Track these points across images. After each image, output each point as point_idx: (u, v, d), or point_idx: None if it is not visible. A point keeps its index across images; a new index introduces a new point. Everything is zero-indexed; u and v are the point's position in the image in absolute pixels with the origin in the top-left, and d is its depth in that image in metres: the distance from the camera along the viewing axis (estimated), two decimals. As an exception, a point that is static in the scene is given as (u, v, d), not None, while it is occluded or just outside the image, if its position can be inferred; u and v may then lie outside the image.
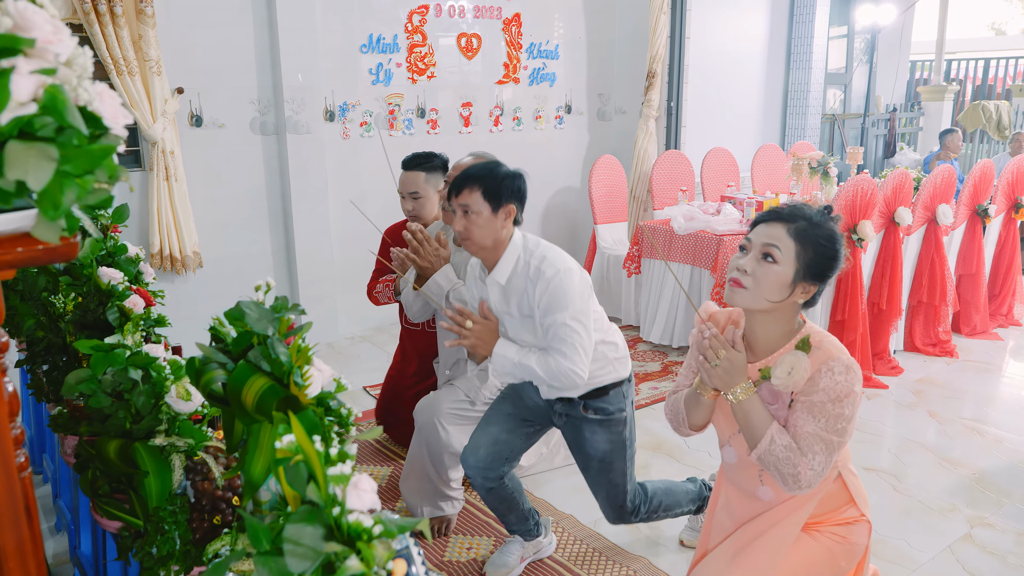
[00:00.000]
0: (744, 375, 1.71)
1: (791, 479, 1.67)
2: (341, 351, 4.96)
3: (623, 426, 2.41)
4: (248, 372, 1.19)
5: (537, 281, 2.21)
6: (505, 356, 2.24)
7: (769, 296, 1.70)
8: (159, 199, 4.21)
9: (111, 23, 3.91)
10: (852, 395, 1.67)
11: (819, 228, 1.71)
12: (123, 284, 1.76)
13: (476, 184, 2.22)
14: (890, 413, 3.99)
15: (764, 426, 1.69)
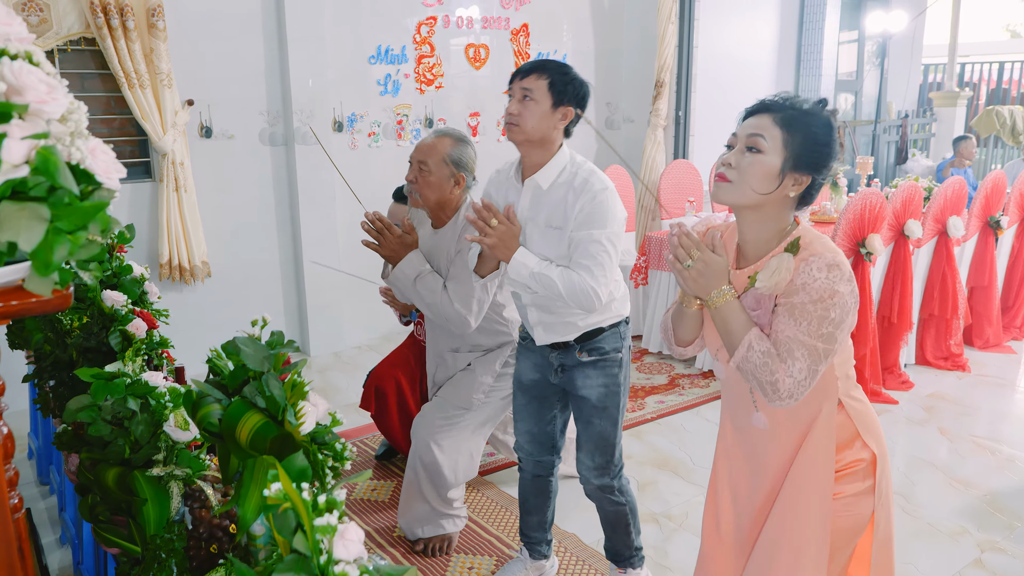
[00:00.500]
0: (722, 279, 1.60)
1: (769, 387, 1.55)
2: (348, 361, 4.97)
3: (618, 368, 2.35)
4: (242, 409, 1.20)
5: (582, 192, 2.16)
6: (524, 264, 2.16)
7: (756, 187, 1.60)
8: (168, 210, 4.24)
9: (123, 37, 3.94)
10: (836, 296, 1.54)
11: (810, 116, 1.62)
12: (126, 307, 1.78)
13: (545, 73, 2.16)
14: (900, 430, 3.96)
15: (743, 332, 1.59)
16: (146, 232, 4.37)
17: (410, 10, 5.18)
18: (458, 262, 2.59)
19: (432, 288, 2.58)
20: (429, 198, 2.64)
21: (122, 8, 3.91)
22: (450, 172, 2.60)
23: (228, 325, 4.71)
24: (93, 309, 1.76)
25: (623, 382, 2.38)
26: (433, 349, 2.95)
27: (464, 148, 2.64)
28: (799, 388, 1.55)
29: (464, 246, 2.58)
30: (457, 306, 2.56)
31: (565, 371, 2.38)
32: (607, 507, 2.50)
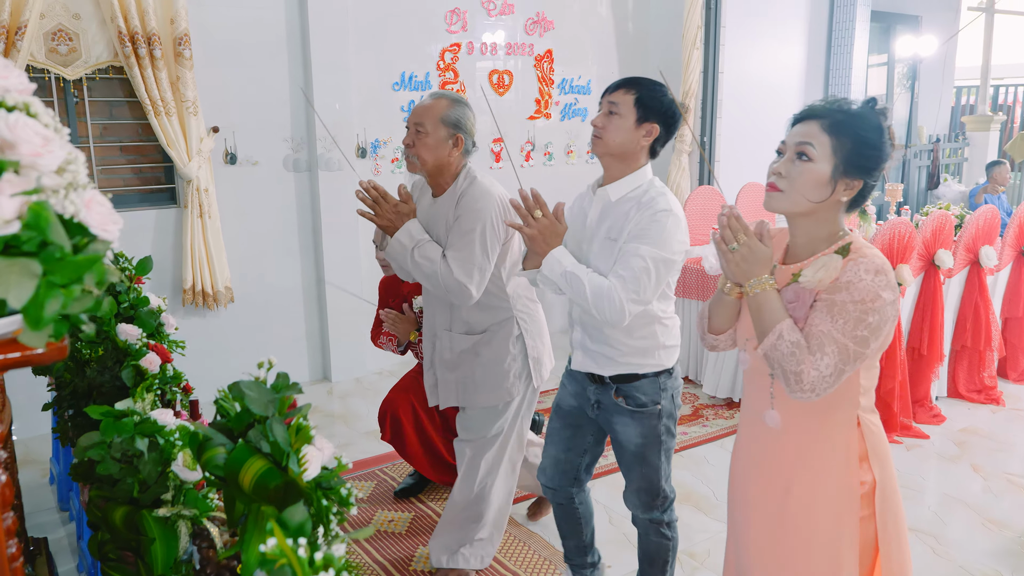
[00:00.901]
0: (764, 267, 1.60)
1: (793, 377, 1.54)
2: (369, 386, 4.96)
3: (657, 420, 2.27)
4: (246, 454, 1.18)
5: (644, 208, 2.12)
6: (559, 261, 2.09)
7: (808, 195, 1.61)
8: (192, 236, 4.28)
9: (150, 66, 4.00)
10: (879, 300, 1.54)
11: (858, 119, 1.61)
12: (140, 341, 1.77)
13: (634, 88, 2.15)
14: (931, 466, 3.85)
15: (776, 321, 1.58)
16: (170, 258, 4.41)
17: (434, 37, 5.21)
18: (456, 229, 2.49)
19: (431, 257, 2.45)
20: (427, 161, 2.52)
21: (150, 37, 3.97)
22: (448, 133, 2.49)
23: (250, 350, 4.75)
24: (108, 343, 1.76)
25: (663, 431, 2.31)
26: (428, 329, 2.77)
27: (462, 109, 2.53)
28: (823, 383, 1.53)
29: (463, 211, 2.49)
30: (457, 275, 2.43)
31: (601, 409, 2.34)
32: (652, 538, 2.44)
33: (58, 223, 0.75)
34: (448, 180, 2.57)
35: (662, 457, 2.32)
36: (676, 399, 2.34)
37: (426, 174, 2.57)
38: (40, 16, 3.79)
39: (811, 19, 6.76)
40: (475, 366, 2.65)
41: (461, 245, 2.45)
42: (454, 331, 2.67)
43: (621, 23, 6.12)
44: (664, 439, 2.31)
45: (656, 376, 2.27)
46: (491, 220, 2.47)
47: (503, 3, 5.46)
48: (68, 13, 3.89)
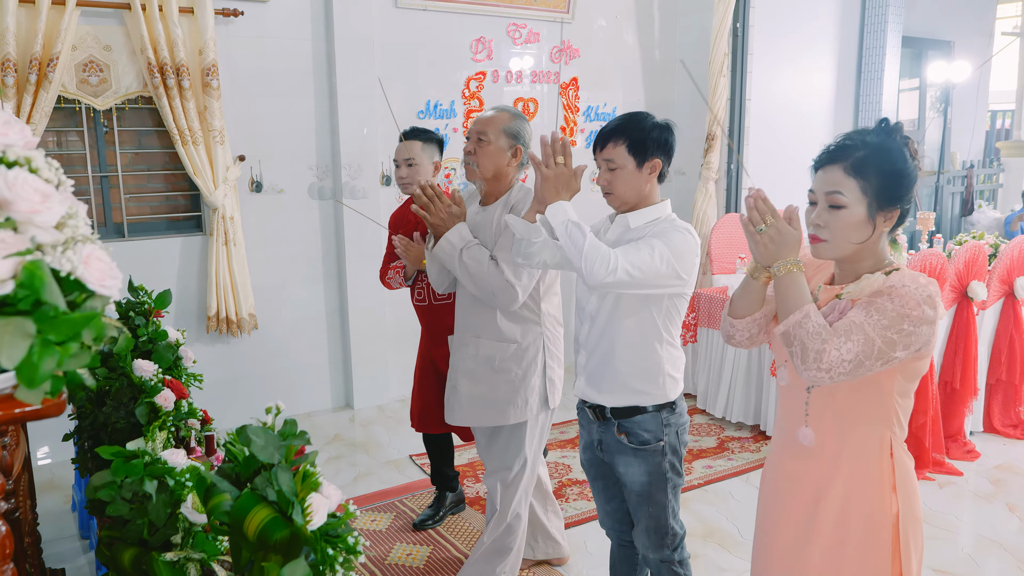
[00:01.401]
0: (792, 250, 1.61)
1: (813, 355, 1.52)
2: (391, 414, 4.95)
3: (661, 457, 2.23)
4: (252, 502, 1.16)
5: (662, 224, 2.14)
6: (565, 211, 2.05)
7: (852, 239, 1.61)
8: (217, 263, 4.31)
9: (178, 96, 4.06)
10: (919, 310, 1.52)
11: (878, 152, 1.61)
12: (156, 378, 1.77)
13: (621, 137, 2.14)
14: (965, 505, 3.74)
15: (802, 303, 1.58)
16: (195, 285, 4.45)
17: (460, 65, 5.24)
18: (504, 236, 2.53)
19: (478, 259, 2.51)
20: (487, 168, 2.59)
21: (178, 68, 4.04)
22: (508, 143, 2.58)
23: (274, 377, 4.77)
24: (122, 380, 1.76)
25: (669, 468, 2.26)
26: (457, 336, 2.79)
27: (522, 123, 2.62)
28: (841, 366, 1.52)
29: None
30: (507, 275, 2.49)
31: (605, 449, 2.30)
32: None
33: (53, 282, 0.74)
34: (502, 190, 2.65)
35: (669, 494, 2.28)
36: (681, 435, 2.29)
37: (483, 182, 2.65)
38: (72, 48, 3.86)
39: (840, 45, 6.71)
40: (499, 381, 2.64)
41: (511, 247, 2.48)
42: (483, 337, 2.67)
43: (647, 51, 6.12)
44: (670, 476, 2.27)
45: (658, 411, 2.23)
46: None
47: (529, 32, 5.48)
48: (99, 45, 3.97)
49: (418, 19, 5.01)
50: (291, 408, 4.88)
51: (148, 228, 4.38)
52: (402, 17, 4.95)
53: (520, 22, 5.42)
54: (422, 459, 4.20)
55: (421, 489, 3.85)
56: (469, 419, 2.73)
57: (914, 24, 7.38)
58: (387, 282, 3.35)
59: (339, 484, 3.94)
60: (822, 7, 6.51)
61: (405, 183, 3.23)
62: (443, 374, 3.13)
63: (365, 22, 4.72)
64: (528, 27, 5.47)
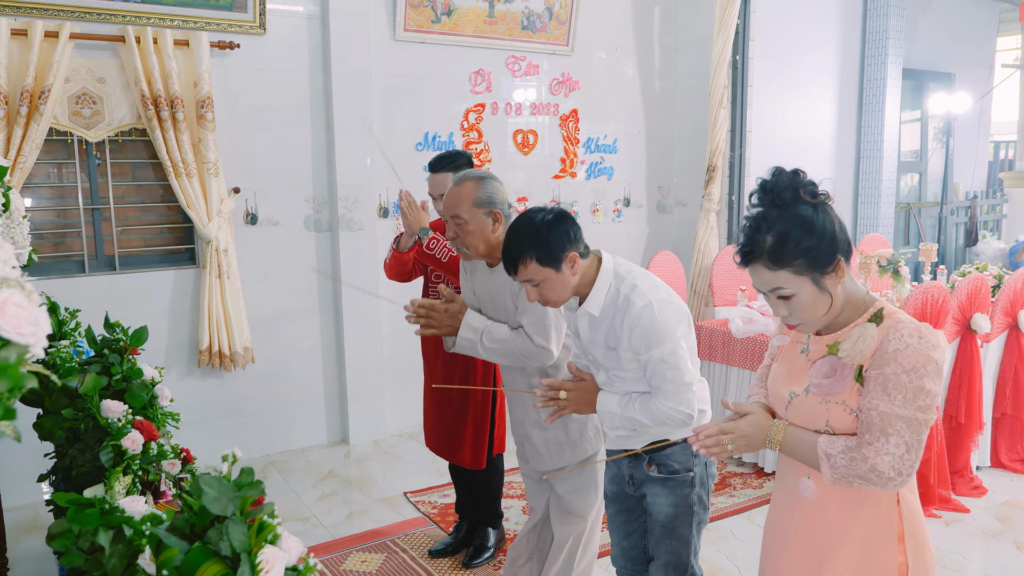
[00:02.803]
0: (765, 427, 1.65)
1: (873, 476, 1.50)
2: (387, 450, 4.87)
3: (690, 488, 2.21)
4: (202, 557, 1.09)
5: (626, 311, 2.10)
6: (610, 412, 2.16)
7: (818, 313, 1.59)
8: (210, 296, 4.26)
9: (172, 128, 4.05)
10: (930, 363, 1.50)
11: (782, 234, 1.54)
12: (125, 418, 1.71)
13: (527, 255, 2.07)
14: (972, 543, 3.63)
15: (813, 449, 1.57)
16: (188, 318, 4.40)
17: (458, 97, 5.24)
18: (521, 297, 2.49)
19: (500, 339, 2.48)
20: (477, 247, 2.52)
21: (172, 100, 4.03)
22: (485, 212, 2.48)
23: (268, 412, 4.71)
24: (87, 422, 1.70)
25: (696, 501, 2.23)
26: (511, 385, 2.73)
27: (488, 184, 2.51)
28: (903, 463, 1.49)
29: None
30: (537, 341, 2.46)
31: (635, 483, 2.29)
32: None
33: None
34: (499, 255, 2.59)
35: (693, 530, 2.24)
36: (710, 468, 2.27)
37: (480, 256, 2.57)
38: (65, 80, 3.86)
39: (841, 77, 6.70)
40: (567, 420, 2.60)
41: (533, 310, 2.47)
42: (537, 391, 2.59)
43: (647, 83, 6.11)
44: (696, 510, 2.23)
45: (687, 441, 2.18)
46: None
47: (528, 64, 5.48)
48: (93, 77, 3.97)
49: (416, 52, 5.01)
50: (285, 443, 4.80)
51: (140, 261, 4.34)
52: (400, 50, 4.95)
53: (519, 54, 5.43)
54: (417, 497, 4.12)
55: (415, 528, 3.77)
56: (550, 463, 2.67)
57: (914, 56, 7.39)
58: (386, 268, 3.27)
59: (331, 523, 3.86)
60: (822, 39, 6.51)
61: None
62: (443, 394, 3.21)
63: (363, 55, 4.72)
64: (527, 59, 5.47)
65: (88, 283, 4.13)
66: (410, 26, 4.90)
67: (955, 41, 7.98)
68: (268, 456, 4.72)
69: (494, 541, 3.48)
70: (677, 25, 6.20)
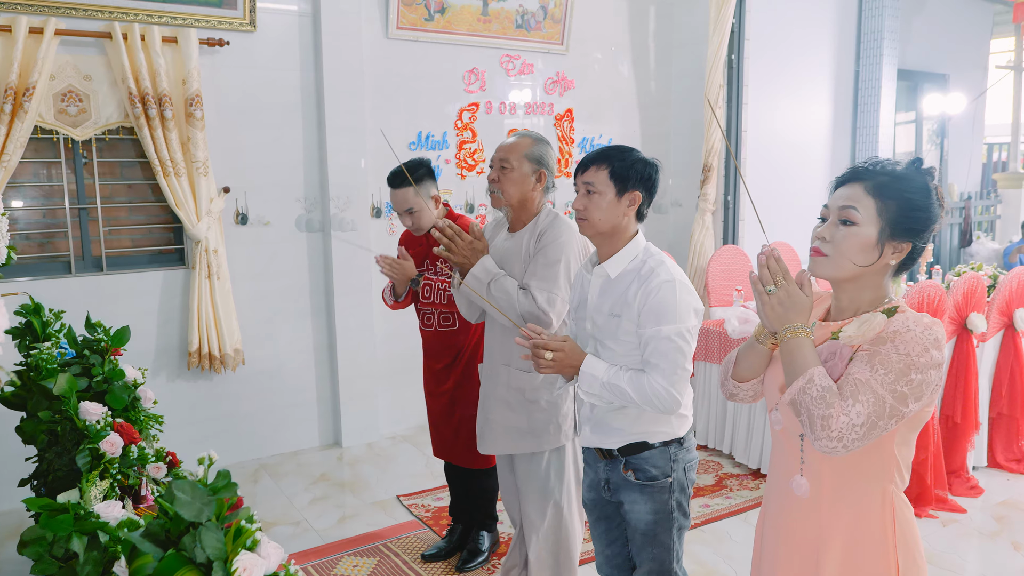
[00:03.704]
0: (802, 315, 1.52)
1: (820, 423, 1.42)
2: (380, 452, 4.81)
3: (668, 494, 2.15)
4: (176, 564, 1.05)
5: (647, 280, 2.06)
6: (593, 376, 2.06)
7: (854, 259, 1.54)
8: (200, 297, 4.20)
9: (160, 126, 3.99)
10: (926, 357, 1.43)
11: (903, 180, 1.54)
12: (104, 420, 1.66)
13: (604, 163, 2.11)
14: (969, 544, 3.60)
15: (807, 367, 1.48)
16: (177, 320, 4.34)
17: (452, 97, 5.19)
18: (541, 260, 2.54)
19: (507, 290, 2.51)
20: (512, 195, 2.59)
21: (160, 98, 3.97)
22: (532, 168, 2.58)
23: (260, 415, 4.65)
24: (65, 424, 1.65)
25: (676, 507, 2.17)
26: (487, 364, 2.79)
27: (544, 147, 2.63)
28: (852, 432, 1.42)
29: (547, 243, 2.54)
30: (541, 303, 2.48)
31: (612, 488, 2.22)
32: None
33: None
34: (529, 216, 2.64)
35: (674, 536, 2.19)
36: (689, 473, 2.20)
37: (510, 209, 2.64)
38: (51, 77, 3.80)
39: (836, 78, 6.68)
40: (533, 410, 2.63)
41: (545, 275, 2.50)
42: (513, 366, 2.65)
43: (643, 82, 6.08)
44: (676, 516, 2.17)
45: (666, 446, 2.15)
46: (575, 255, 2.55)
47: (522, 63, 5.44)
48: (79, 74, 3.91)
49: (409, 50, 4.96)
50: (277, 446, 4.75)
51: (128, 262, 4.28)
52: (393, 48, 4.90)
53: (514, 53, 5.38)
54: (410, 500, 4.07)
55: (408, 531, 3.72)
56: (503, 447, 2.72)
57: (909, 57, 7.37)
58: (384, 299, 3.30)
59: (322, 526, 3.80)
60: (817, 39, 6.49)
61: (414, 230, 3.18)
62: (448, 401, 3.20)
63: (355, 53, 4.67)
64: (522, 58, 5.43)
65: (75, 284, 4.06)
66: (403, 24, 4.85)
67: (949, 42, 7.97)
68: (260, 459, 4.66)
69: (488, 545, 3.43)
70: (672, 24, 6.17)
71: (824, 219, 1.61)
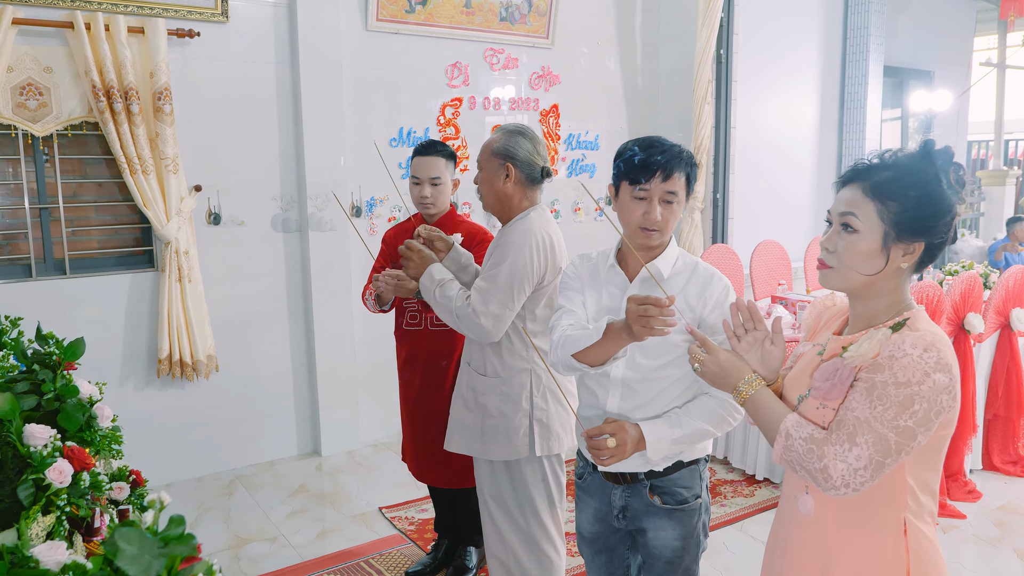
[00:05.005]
0: (741, 372, 1.52)
1: (820, 475, 1.35)
2: (362, 461, 4.63)
3: (697, 517, 1.96)
4: (120, 634, 0.87)
5: (708, 283, 1.87)
6: (662, 439, 1.82)
7: (860, 269, 1.44)
8: (170, 302, 4.00)
9: (127, 121, 3.79)
10: (926, 382, 1.31)
11: (905, 176, 1.41)
12: (51, 446, 1.48)
13: (683, 169, 1.85)
14: (969, 551, 3.49)
15: (777, 422, 1.44)
16: (146, 325, 4.13)
17: (435, 92, 5.01)
18: (488, 262, 2.46)
19: (448, 295, 2.42)
20: (487, 196, 2.51)
21: (127, 91, 3.76)
22: (498, 164, 2.44)
23: (235, 424, 4.45)
24: (5, 450, 1.46)
25: (701, 530, 1.98)
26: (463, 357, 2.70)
27: (513, 139, 2.45)
28: (856, 477, 1.33)
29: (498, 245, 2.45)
30: (475, 304, 2.37)
31: (629, 516, 1.98)
32: None
33: None
34: (512, 212, 2.51)
35: (698, 563, 2.01)
36: (707, 488, 2.03)
37: (491, 211, 2.54)
38: (8, 69, 3.58)
39: (823, 74, 6.59)
40: (483, 415, 2.53)
41: (486, 276, 2.42)
42: (472, 366, 2.56)
43: (630, 78, 5.93)
44: (701, 539, 2.00)
45: (696, 463, 1.97)
46: (523, 257, 2.38)
47: (507, 57, 5.28)
48: (39, 66, 3.69)
49: (390, 43, 4.78)
50: (254, 456, 4.55)
51: (93, 264, 4.07)
52: (373, 41, 4.72)
53: (498, 47, 5.22)
54: (393, 512, 3.90)
55: (391, 547, 3.54)
56: (458, 445, 2.60)
57: (895, 54, 7.30)
58: (364, 302, 3.09)
59: (300, 542, 3.62)
60: (804, 35, 6.40)
61: (427, 204, 2.93)
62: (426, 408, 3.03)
63: (333, 45, 4.48)
64: (506, 52, 5.26)
65: (36, 288, 3.84)
66: (383, 16, 4.67)
67: (934, 39, 7.92)
68: (234, 470, 4.46)
69: (476, 561, 3.26)
70: (660, 18, 6.03)
71: (830, 224, 1.50)
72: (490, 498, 2.61)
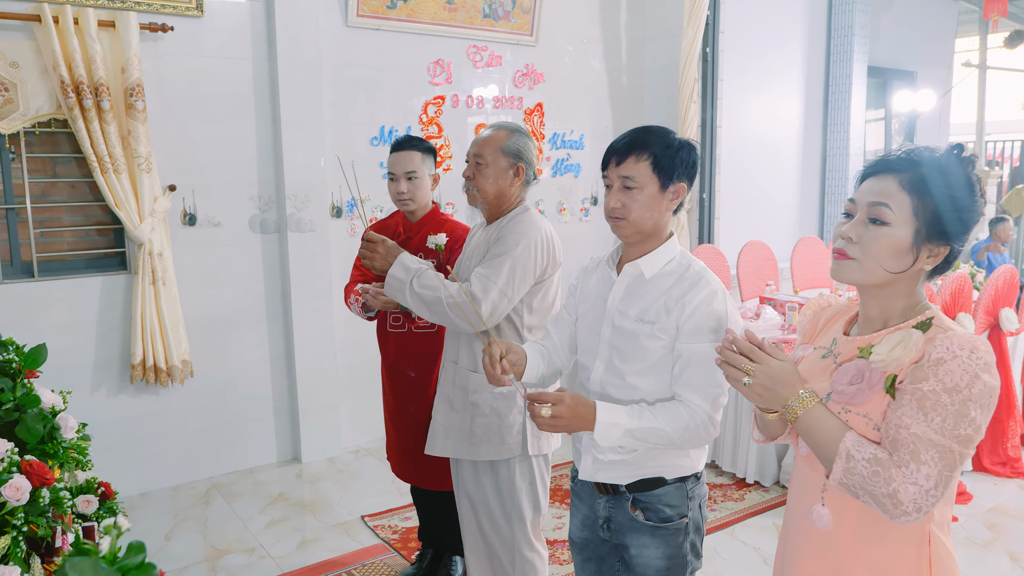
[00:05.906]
0: (795, 385, 1.34)
1: (889, 502, 1.25)
2: (343, 468, 4.51)
3: (683, 536, 1.85)
4: None
5: (695, 287, 1.74)
6: (614, 424, 1.69)
7: (885, 265, 1.35)
8: (144, 305, 3.86)
9: (97, 119, 3.65)
10: (978, 384, 1.23)
11: (944, 173, 1.34)
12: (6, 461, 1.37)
13: (645, 152, 1.74)
14: (963, 554, 3.43)
15: (836, 441, 1.31)
16: (119, 330, 3.99)
17: (417, 90, 4.91)
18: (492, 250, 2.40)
19: (431, 285, 2.33)
20: (488, 192, 2.45)
21: (97, 87, 3.63)
22: (508, 162, 2.44)
23: (211, 431, 4.32)
24: (-44, 467, 1.35)
25: (690, 550, 1.87)
26: (445, 354, 2.64)
27: (522, 139, 2.48)
28: (928, 498, 1.25)
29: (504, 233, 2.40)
30: (475, 289, 2.30)
31: (613, 528, 1.90)
32: None
33: None
34: (505, 210, 2.51)
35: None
36: (703, 509, 1.91)
37: (485, 206, 2.50)
38: (-28, 64, 3.45)
39: (808, 74, 6.55)
40: (474, 414, 2.47)
41: (490, 263, 2.36)
42: (460, 364, 2.49)
43: (615, 76, 5.86)
44: (690, 559, 1.88)
45: (683, 482, 1.84)
46: (531, 248, 2.37)
47: (491, 55, 5.19)
48: (5, 61, 3.54)
49: (371, 39, 4.67)
50: (231, 463, 4.42)
51: (63, 267, 3.92)
52: (353, 37, 4.61)
53: (481, 44, 5.12)
54: (376, 520, 3.79)
55: (374, 556, 3.44)
56: (442, 448, 2.53)
57: (879, 54, 7.29)
58: (348, 304, 3.00)
59: (280, 553, 3.50)
60: (789, 34, 6.36)
61: (405, 200, 2.86)
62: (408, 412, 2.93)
63: (312, 41, 4.37)
64: (490, 50, 5.17)
65: (3, 292, 3.69)
66: (363, 11, 4.56)
67: (917, 40, 7.93)
68: (212, 479, 4.33)
69: (461, 571, 3.16)
70: (645, 16, 5.96)
71: (849, 215, 1.40)
72: (472, 502, 2.53)
